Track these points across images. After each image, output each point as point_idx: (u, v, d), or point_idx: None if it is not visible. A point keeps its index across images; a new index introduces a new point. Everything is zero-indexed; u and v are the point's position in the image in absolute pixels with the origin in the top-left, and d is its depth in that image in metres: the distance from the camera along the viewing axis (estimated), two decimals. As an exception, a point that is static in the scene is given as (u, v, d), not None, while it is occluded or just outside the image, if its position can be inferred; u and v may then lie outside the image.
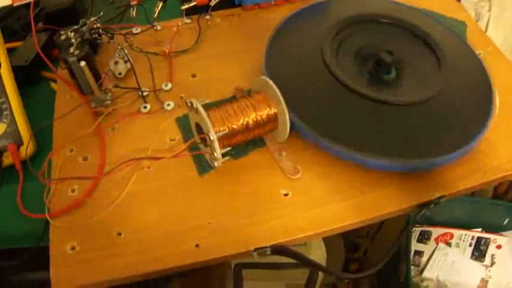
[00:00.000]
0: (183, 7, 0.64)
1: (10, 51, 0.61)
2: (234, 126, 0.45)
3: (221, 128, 0.44)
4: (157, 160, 0.45)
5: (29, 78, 0.64)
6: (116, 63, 0.58)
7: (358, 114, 0.50)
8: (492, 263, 0.79)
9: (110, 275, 0.42)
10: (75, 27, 0.56)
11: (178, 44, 0.62)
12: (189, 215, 0.46)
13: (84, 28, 0.55)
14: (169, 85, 0.57)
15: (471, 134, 0.49)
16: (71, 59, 0.52)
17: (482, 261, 0.80)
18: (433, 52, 0.56)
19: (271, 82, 0.47)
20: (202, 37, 0.63)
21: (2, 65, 0.55)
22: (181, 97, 0.56)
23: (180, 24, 0.64)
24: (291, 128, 0.47)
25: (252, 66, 0.58)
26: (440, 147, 0.48)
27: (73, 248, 0.44)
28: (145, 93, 0.55)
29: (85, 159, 0.51)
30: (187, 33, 0.63)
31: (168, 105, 0.54)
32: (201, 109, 0.43)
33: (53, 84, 0.63)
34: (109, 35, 0.60)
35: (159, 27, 0.64)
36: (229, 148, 0.45)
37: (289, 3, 0.66)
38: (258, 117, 0.46)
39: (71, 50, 0.53)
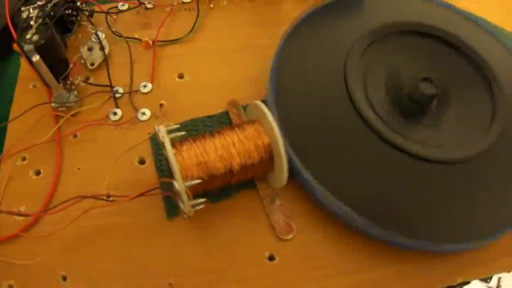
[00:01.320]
0: (184, -20, 0.52)
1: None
2: (213, 171, 0.34)
3: (194, 174, 0.34)
4: (115, 201, 0.36)
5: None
6: (90, 49, 0.47)
7: (381, 169, 0.38)
8: (498, 286, 0.76)
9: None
10: (39, 2, 0.44)
11: (170, 30, 0.50)
12: (149, 266, 0.37)
13: (49, 5, 0.44)
14: (149, 86, 0.45)
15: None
16: (26, 48, 0.41)
17: (488, 283, 0.76)
18: (491, 91, 0.42)
19: (268, 112, 0.35)
20: (201, 24, 0.50)
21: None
22: (160, 105, 0.45)
23: (175, 3, 0.51)
24: (290, 174, 0.36)
25: (260, 69, 0.46)
26: (479, 227, 0.36)
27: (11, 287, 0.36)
28: (118, 95, 0.45)
29: (37, 173, 0.42)
30: (183, 16, 0.51)
31: (143, 114, 0.44)
32: (169, 147, 0.33)
33: (23, 60, 0.53)
34: (86, 12, 0.49)
35: (149, 5, 0.51)
36: (203, 200, 0.35)
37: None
38: (247, 159, 0.35)
39: (29, 34, 0.42)
